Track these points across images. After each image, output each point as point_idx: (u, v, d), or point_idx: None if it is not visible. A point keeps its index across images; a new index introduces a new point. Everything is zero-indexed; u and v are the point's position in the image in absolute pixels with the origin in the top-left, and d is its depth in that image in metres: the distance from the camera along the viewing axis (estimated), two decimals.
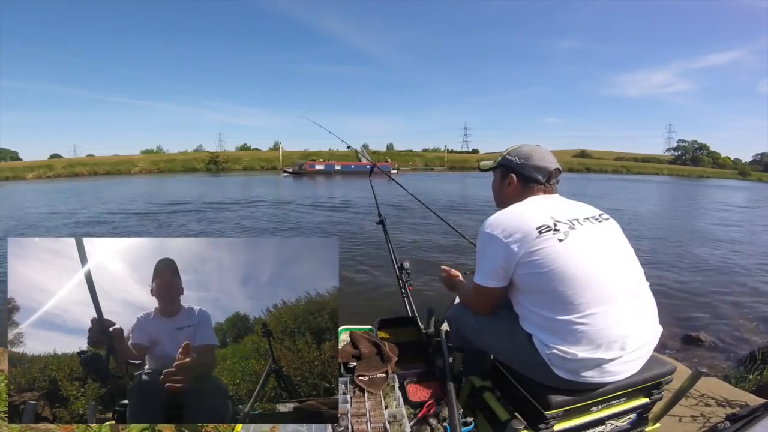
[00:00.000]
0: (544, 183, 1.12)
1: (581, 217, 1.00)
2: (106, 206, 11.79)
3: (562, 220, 0.97)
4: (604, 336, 0.90)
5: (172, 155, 56.87)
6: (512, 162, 1.15)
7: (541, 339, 0.96)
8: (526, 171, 1.13)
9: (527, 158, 1.13)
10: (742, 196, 19.59)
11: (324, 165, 33.11)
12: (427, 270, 4.44)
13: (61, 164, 43.58)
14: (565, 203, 1.09)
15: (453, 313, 1.37)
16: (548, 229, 0.94)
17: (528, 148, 1.17)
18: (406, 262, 2.07)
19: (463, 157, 60.40)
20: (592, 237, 0.97)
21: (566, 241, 0.93)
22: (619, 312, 0.91)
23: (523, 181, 1.14)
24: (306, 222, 8.91)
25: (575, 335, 0.91)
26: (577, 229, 0.96)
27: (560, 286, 0.91)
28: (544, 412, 0.95)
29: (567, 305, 0.91)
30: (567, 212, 1.01)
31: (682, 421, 1.62)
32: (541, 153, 1.14)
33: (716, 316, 3.66)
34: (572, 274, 0.91)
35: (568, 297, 0.90)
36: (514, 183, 1.15)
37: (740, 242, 7.40)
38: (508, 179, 1.16)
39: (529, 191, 1.13)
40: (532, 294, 0.98)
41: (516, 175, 1.14)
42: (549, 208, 1.02)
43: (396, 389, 1.34)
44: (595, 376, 0.93)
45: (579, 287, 0.90)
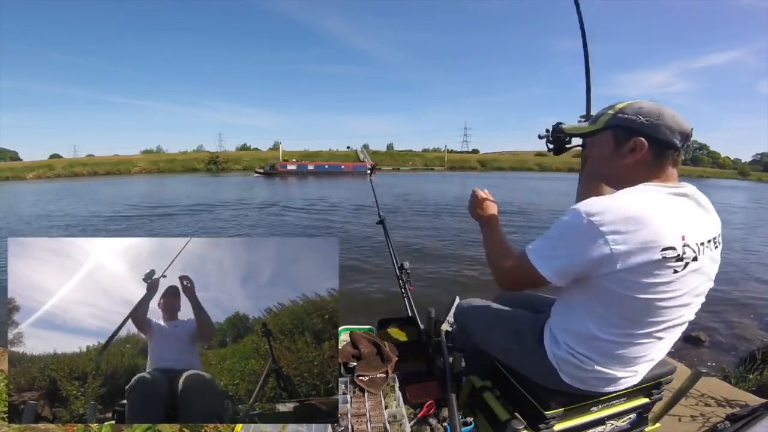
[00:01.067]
0: (679, 149, 0.81)
1: (706, 239, 0.78)
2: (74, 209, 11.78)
3: (690, 244, 0.74)
4: (634, 360, 0.87)
5: (172, 155, 56.95)
6: (635, 122, 0.81)
7: (562, 342, 0.91)
8: (661, 131, 0.79)
9: (658, 116, 0.80)
10: (742, 196, 19.59)
11: (296, 165, 32.89)
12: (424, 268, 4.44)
13: (61, 164, 43.63)
14: (701, 212, 0.82)
15: (461, 309, 1.31)
16: (673, 258, 0.72)
17: (650, 104, 0.83)
18: (406, 262, 2.06)
19: (463, 157, 60.44)
20: (704, 271, 0.79)
21: (680, 274, 0.74)
22: (662, 344, 0.87)
23: (656, 148, 0.80)
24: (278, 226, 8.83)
25: (607, 354, 0.85)
26: (699, 260, 0.76)
27: (634, 315, 0.78)
28: (544, 412, 0.95)
29: (625, 332, 0.81)
30: (698, 230, 0.77)
31: (682, 421, 1.62)
32: (669, 110, 0.81)
33: (716, 316, 3.66)
34: (658, 309, 0.77)
35: (634, 326, 0.80)
36: (643, 150, 0.80)
37: (740, 242, 7.40)
38: (632, 143, 0.81)
39: (658, 167, 0.82)
40: (598, 305, 0.82)
41: (647, 137, 0.80)
42: (681, 218, 0.76)
43: (396, 389, 1.34)
44: (600, 386, 0.92)
45: (653, 322, 0.79)
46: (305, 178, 28.32)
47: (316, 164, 34.60)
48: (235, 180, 26.92)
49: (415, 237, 7.09)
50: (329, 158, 53.23)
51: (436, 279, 4.60)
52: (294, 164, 33.18)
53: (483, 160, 59.26)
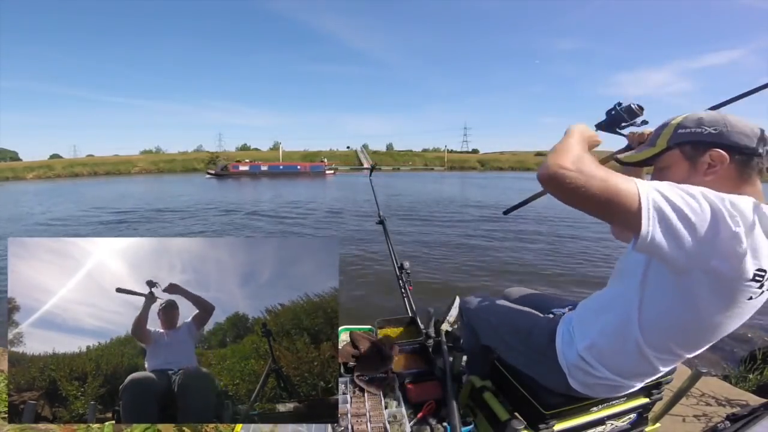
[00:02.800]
0: (762, 154, 0.71)
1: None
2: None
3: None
4: (650, 374, 0.85)
5: (171, 155, 56.98)
6: (701, 134, 0.72)
7: (580, 345, 0.87)
8: (736, 138, 0.70)
9: (726, 123, 0.71)
10: None
11: (249, 166, 32.21)
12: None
13: (61, 164, 43.65)
14: None
15: (469, 305, 1.29)
16: (760, 279, 0.63)
17: (709, 113, 0.75)
18: (406, 262, 2.06)
19: (463, 157, 60.46)
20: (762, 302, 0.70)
21: (753, 300, 0.66)
22: (677, 361, 0.84)
23: (740, 158, 0.70)
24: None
25: (629, 366, 0.83)
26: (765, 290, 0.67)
27: (685, 331, 0.73)
28: (544, 412, 0.95)
29: (661, 345, 0.76)
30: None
31: (682, 421, 1.62)
32: (733, 115, 0.73)
33: None
34: (707, 329, 0.71)
35: (674, 341, 0.75)
36: (725, 163, 0.70)
37: None
38: (707, 159, 0.71)
39: (746, 180, 0.71)
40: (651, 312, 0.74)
41: (726, 149, 0.70)
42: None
43: (396, 389, 1.34)
44: (605, 393, 0.92)
45: (694, 342, 0.75)
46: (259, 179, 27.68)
47: (271, 164, 33.77)
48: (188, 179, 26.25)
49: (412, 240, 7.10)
50: (329, 158, 53.20)
51: (434, 281, 4.61)
52: (247, 165, 32.41)
53: (483, 160, 59.29)
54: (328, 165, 36.11)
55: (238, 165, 32.17)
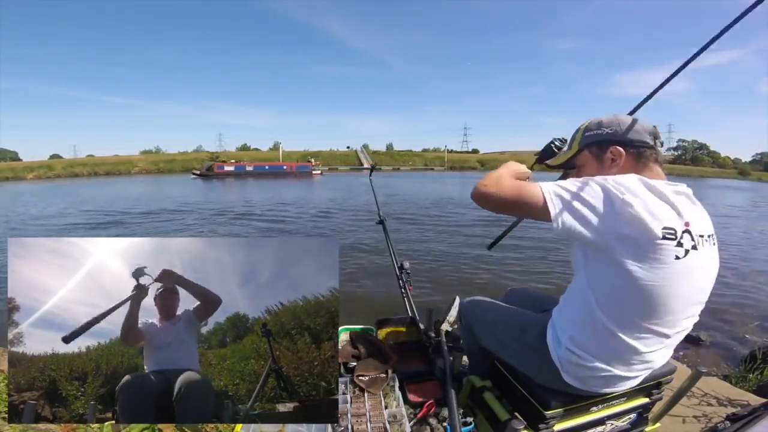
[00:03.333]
0: (655, 147, 0.86)
1: (706, 234, 0.81)
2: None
3: (692, 232, 0.76)
4: (636, 359, 0.86)
5: (171, 155, 56.97)
6: (603, 134, 0.88)
7: (565, 337, 0.90)
8: (630, 135, 0.85)
9: (618, 123, 0.87)
10: (743, 197, 19.61)
11: (234, 166, 31.96)
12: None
13: (61, 164, 43.65)
14: (697, 208, 0.83)
15: (467, 307, 1.32)
16: (672, 238, 0.73)
17: (606, 117, 0.91)
18: (406, 262, 2.06)
19: (463, 157, 60.43)
20: (705, 264, 0.80)
21: (682, 261, 0.74)
22: (666, 342, 0.86)
23: (633, 150, 0.85)
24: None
25: (611, 350, 0.85)
26: (699, 250, 0.76)
27: (638, 302, 0.78)
28: (544, 412, 0.95)
29: (628, 322, 0.80)
30: (699, 224, 0.79)
31: (682, 422, 1.62)
32: (623, 115, 0.91)
33: (716, 316, 3.66)
34: (662, 297, 0.76)
35: (636, 316, 0.80)
36: (622, 157, 0.86)
37: (740, 243, 7.40)
38: (611, 155, 0.87)
39: (643, 167, 0.86)
40: (601, 290, 0.81)
41: (621, 145, 0.85)
42: (685, 209, 0.77)
43: (396, 389, 1.34)
44: (600, 386, 0.92)
45: (655, 312, 0.79)
46: (244, 179, 27.49)
47: (256, 165, 33.57)
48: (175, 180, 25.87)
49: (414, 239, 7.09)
50: (328, 158, 53.11)
51: (433, 279, 4.61)
52: (232, 165, 32.17)
53: (483, 160, 59.29)
54: (314, 165, 35.84)
55: (224, 165, 31.93)
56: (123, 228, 8.70)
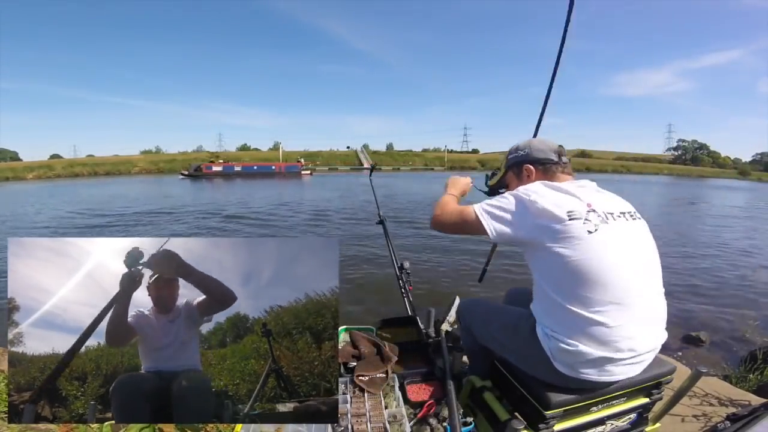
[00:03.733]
0: (560, 162, 1.10)
1: (616, 212, 0.96)
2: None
3: (597, 211, 0.92)
4: (610, 335, 0.89)
5: (171, 155, 56.94)
6: (518, 156, 1.14)
7: (546, 327, 0.96)
8: (537, 155, 1.10)
9: (528, 147, 1.13)
10: (743, 197, 19.61)
11: (222, 166, 31.94)
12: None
13: (61, 164, 43.65)
14: (602, 194, 1.02)
15: (464, 307, 1.35)
16: (578, 217, 0.90)
17: (522, 141, 1.17)
18: (406, 262, 2.06)
19: (463, 157, 60.41)
20: (622, 235, 0.92)
21: (595, 234, 0.88)
22: (630, 315, 0.90)
23: (540, 167, 1.10)
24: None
25: (581, 328, 0.90)
26: (610, 224, 0.91)
27: (575, 278, 0.89)
28: (544, 412, 0.95)
29: (579, 298, 0.89)
30: (603, 204, 0.96)
31: (682, 421, 1.62)
32: (536, 139, 1.18)
33: (716, 316, 3.66)
34: (590, 269, 0.87)
35: (583, 290, 0.88)
36: (533, 172, 1.11)
37: (740, 243, 7.40)
38: (525, 172, 1.12)
39: (551, 176, 1.09)
40: (548, 277, 0.95)
41: (531, 164, 1.11)
42: (586, 196, 0.96)
43: (396, 389, 1.34)
44: (593, 374, 0.93)
45: (596, 283, 0.88)
46: (233, 179, 27.40)
47: (244, 165, 33.58)
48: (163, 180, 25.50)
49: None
50: (328, 158, 53.08)
51: (431, 279, 4.61)
52: (220, 165, 32.14)
53: (483, 160, 59.27)
54: (304, 165, 35.70)
55: (212, 165, 31.88)
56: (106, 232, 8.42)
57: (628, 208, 1.00)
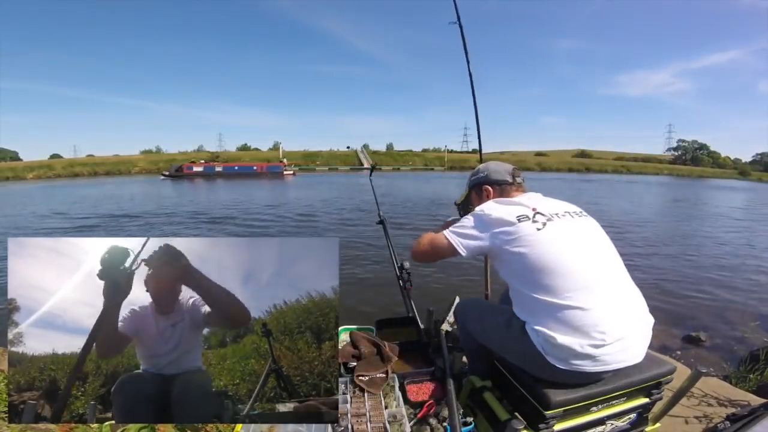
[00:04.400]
0: (514, 182, 1.27)
1: (561, 211, 1.10)
2: None
3: (543, 212, 1.06)
4: (586, 318, 0.93)
5: (171, 155, 56.91)
6: (479, 178, 1.32)
7: (532, 324, 1.00)
8: (494, 177, 1.28)
9: (487, 170, 1.31)
10: (743, 197, 19.61)
11: (203, 167, 31.78)
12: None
13: (61, 164, 43.64)
14: (547, 200, 1.18)
15: (461, 307, 1.37)
16: (526, 219, 1.04)
17: (481, 165, 1.36)
18: (406, 262, 2.06)
19: (463, 157, 60.34)
20: (569, 229, 1.05)
21: (543, 231, 1.02)
22: (599, 298, 0.95)
23: (497, 186, 1.28)
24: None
25: (555, 318, 0.95)
26: (555, 221, 1.05)
27: (537, 270, 0.99)
28: (544, 411, 0.95)
29: (546, 287, 0.97)
30: (548, 207, 1.10)
31: (682, 422, 1.62)
32: (493, 162, 1.34)
33: (716, 316, 3.66)
34: (547, 259, 0.98)
35: (546, 280, 0.97)
36: (491, 192, 1.28)
37: (740, 243, 7.40)
38: (484, 191, 1.29)
39: (506, 194, 1.25)
40: (516, 276, 1.05)
41: (488, 185, 1.29)
42: (532, 203, 1.12)
43: (396, 389, 1.34)
44: (588, 365, 0.93)
45: (555, 272, 0.97)
46: (214, 180, 27.17)
47: (225, 165, 33.56)
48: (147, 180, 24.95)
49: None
50: (328, 158, 53.06)
51: (432, 278, 4.60)
52: (201, 166, 32.03)
53: (483, 160, 59.13)
54: (286, 165, 35.43)
55: (192, 166, 31.75)
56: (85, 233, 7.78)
57: (573, 209, 1.14)
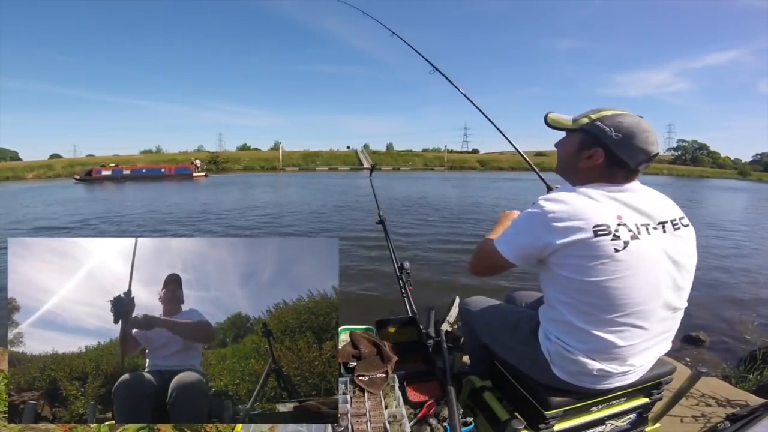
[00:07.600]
0: (634, 170, 0.88)
1: (654, 222, 0.85)
2: None
3: (628, 224, 0.81)
4: (618, 353, 0.87)
5: (171, 155, 56.92)
6: (605, 134, 0.87)
7: (551, 333, 0.94)
8: (621, 151, 0.86)
9: (629, 135, 0.85)
10: (743, 197, 19.60)
11: (112, 170, 32.15)
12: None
13: (61, 164, 43.65)
14: (641, 199, 0.87)
15: (467, 306, 1.36)
16: (607, 233, 0.79)
17: (630, 120, 0.87)
18: (406, 262, 2.07)
19: (463, 157, 60.37)
20: (652, 253, 0.83)
21: (621, 253, 0.79)
22: (646, 335, 0.87)
23: (610, 161, 0.88)
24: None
25: (590, 346, 0.87)
26: (641, 239, 0.81)
27: (594, 298, 0.83)
28: (544, 412, 0.95)
29: (596, 320, 0.84)
30: (638, 214, 0.85)
31: (682, 421, 1.62)
32: (646, 130, 0.86)
33: (716, 316, 3.66)
34: (610, 294, 0.81)
35: (601, 313, 0.83)
36: (599, 161, 0.88)
37: (740, 243, 7.40)
38: (591, 152, 0.89)
39: (609, 176, 0.89)
40: (563, 293, 0.88)
41: (605, 150, 0.87)
42: (619, 204, 0.84)
43: (396, 389, 1.33)
44: (591, 382, 0.93)
45: (617, 306, 0.82)
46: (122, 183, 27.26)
47: (133, 168, 34.04)
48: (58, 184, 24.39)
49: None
50: (328, 158, 53.08)
51: (431, 280, 4.61)
52: (109, 170, 32.40)
53: (483, 160, 59.20)
54: (197, 167, 35.18)
55: (101, 170, 32.18)
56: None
57: (672, 216, 0.89)
